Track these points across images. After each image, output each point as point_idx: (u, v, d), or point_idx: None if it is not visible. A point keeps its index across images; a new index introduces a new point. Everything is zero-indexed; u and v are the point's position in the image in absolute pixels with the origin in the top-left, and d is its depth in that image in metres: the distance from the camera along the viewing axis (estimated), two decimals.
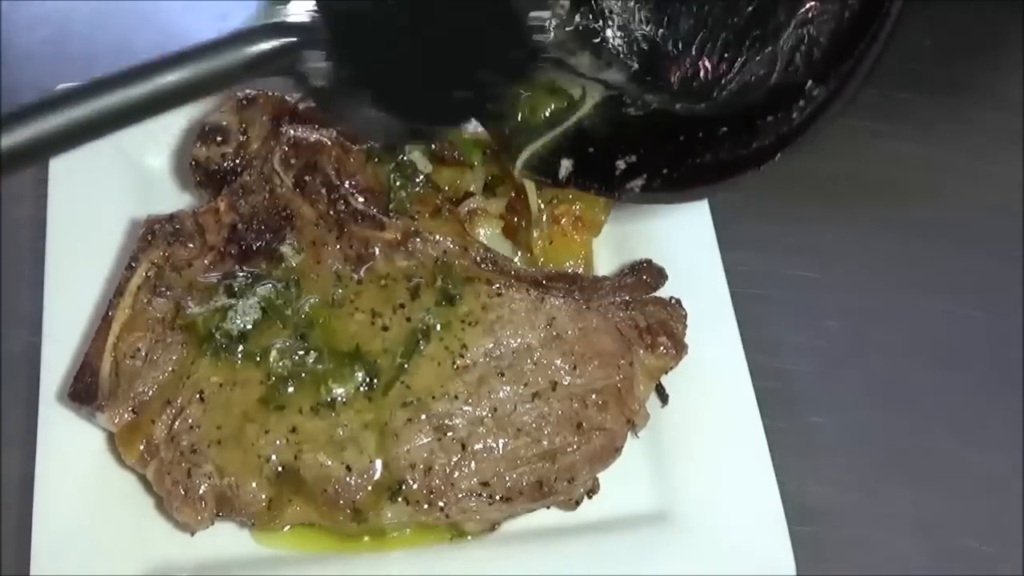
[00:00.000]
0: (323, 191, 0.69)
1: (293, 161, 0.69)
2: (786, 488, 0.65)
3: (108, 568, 0.62)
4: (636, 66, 0.64)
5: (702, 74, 0.61)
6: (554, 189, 0.69)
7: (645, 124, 0.64)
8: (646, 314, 0.68)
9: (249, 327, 0.64)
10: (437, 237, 0.68)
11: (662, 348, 0.67)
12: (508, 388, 0.64)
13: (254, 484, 0.62)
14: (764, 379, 0.69)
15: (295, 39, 0.51)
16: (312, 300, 0.66)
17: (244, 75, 0.50)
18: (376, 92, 0.56)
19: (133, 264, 0.68)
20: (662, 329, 0.67)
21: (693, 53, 0.62)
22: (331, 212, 0.68)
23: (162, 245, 0.68)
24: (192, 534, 0.63)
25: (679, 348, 0.67)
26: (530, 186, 0.70)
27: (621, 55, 0.65)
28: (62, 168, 0.74)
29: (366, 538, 0.64)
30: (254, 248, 0.68)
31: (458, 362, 0.64)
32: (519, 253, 0.72)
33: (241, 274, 0.66)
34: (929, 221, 0.84)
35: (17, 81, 0.87)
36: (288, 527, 0.64)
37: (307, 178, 0.69)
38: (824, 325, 0.78)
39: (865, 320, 0.79)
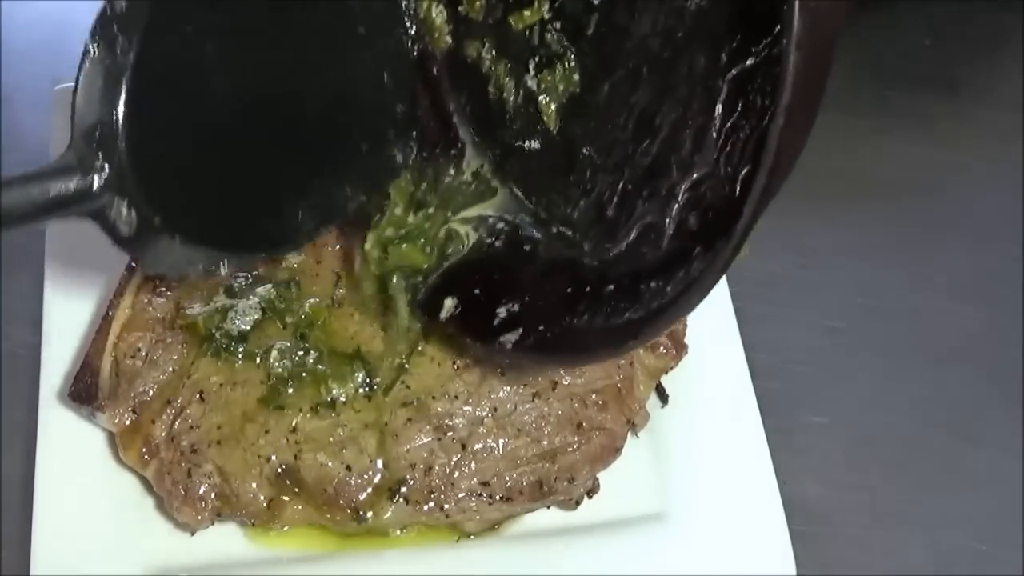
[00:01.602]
0: None
1: None
2: (786, 488, 0.65)
3: (108, 568, 0.62)
4: (533, 206, 0.62)
5: (601, 217, 0.58)
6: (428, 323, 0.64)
7: (537, 271, 0.61)
8: None
9: (249, 327, 0.65)
10: None
11: (662, 348, 0.67)
12: (508, 388, 0.64)
13: (254, 484, 0.62)
14: (764, 379, 0.69)
15: (96, 184, 0.47)
16: (312, 300, 0.66)
17: (37, 218, 0.47)
18: (189, 234, 0.52)
19: (133, 264, 0.67)
20: None
21: (591, 196, 0.58)
22: None
23: None
24: (192, 534, 0.63)
25: (679, 348, 0.67)
26: (401, 302, 0.65)
27: (519, 193, 0.63)
28: None
29: (366, 538, 0.64)
30: None
31: (458, 362, 0.64)
32: None
33: (241, 274, 0.66)
34: (929, 220, 0.84)
35: (17, 81, 0.87)
36: (288, 527, 0.64)
37: None
38: (824, 325, 0.78)
39: (865, 320, 0.79)
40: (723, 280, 0.72)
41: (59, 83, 0.78)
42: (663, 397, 0.69)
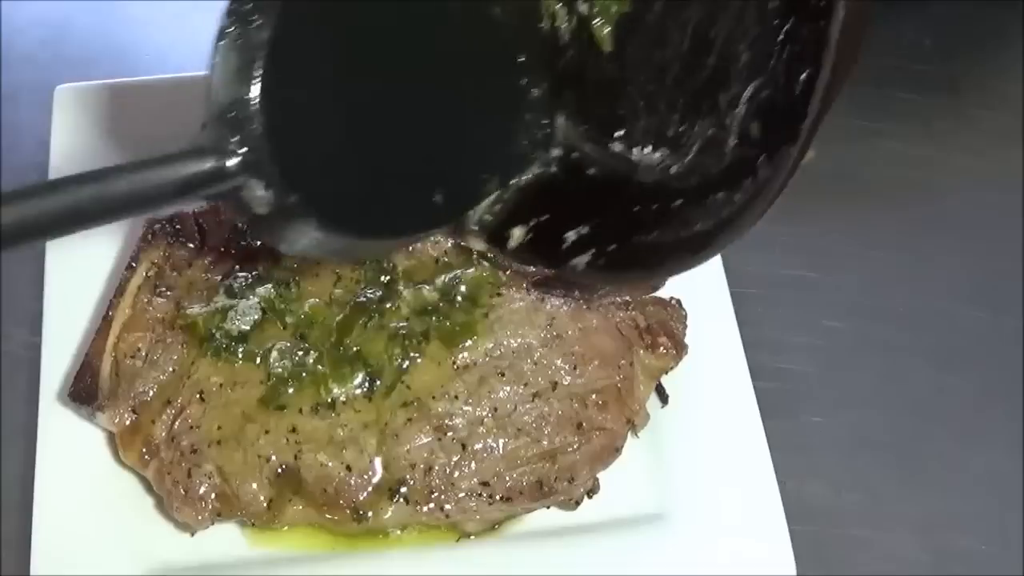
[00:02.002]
0: None
1: None
2: (786, 488, 0.65)
3: (108, 568, 0.62)
4: (592, 132, 0.62)
5: (662, 135, 0.58)
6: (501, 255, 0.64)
7: (601, 194, 0.61)
8: (646, 314, 0.68)
9: (249, 327, 0.65)
10: (437, 237, 0.68)
11: (662, 348, 0.67)
12: (508, 388, 0.64)
13: (254, 484, 0.62)
14: (764, 379, 0.69)
15: (231, 164, 0.46)
16: (312, 300, 0.66)
17: (172, 199, 0.46)
18: (326, 216, 0.51)
19: (133, 264, 0.68)
20: (662, 329, 0.67)
21: (651, 115, 0.59)
22: None
23: (162, 245, 0.68)
24: (192, 534, 0.63)
25: (679, 348, 0.67)
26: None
27: (577, 119, 0.62)
28: (62, 168, 0.74)
29: (366, 538, 0.64)
30: (254, 248, 0.68)
31: (458, 362, 0.64)
32: None
33: (241, 274, 0.66)
34: (929, 221, 0.84)
35: (17, 81, 0.87)
36: (288, 527, 0.64)
37: None
38: (824, 325, 0.78)
39: (865, 320, 0.79)
40: (723, 280, 0.72)
41: (59, 83, 0.78)
42: (663, 397, 0.69)
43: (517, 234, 0.61)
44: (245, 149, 0.47)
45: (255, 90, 0.47)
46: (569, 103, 0.63)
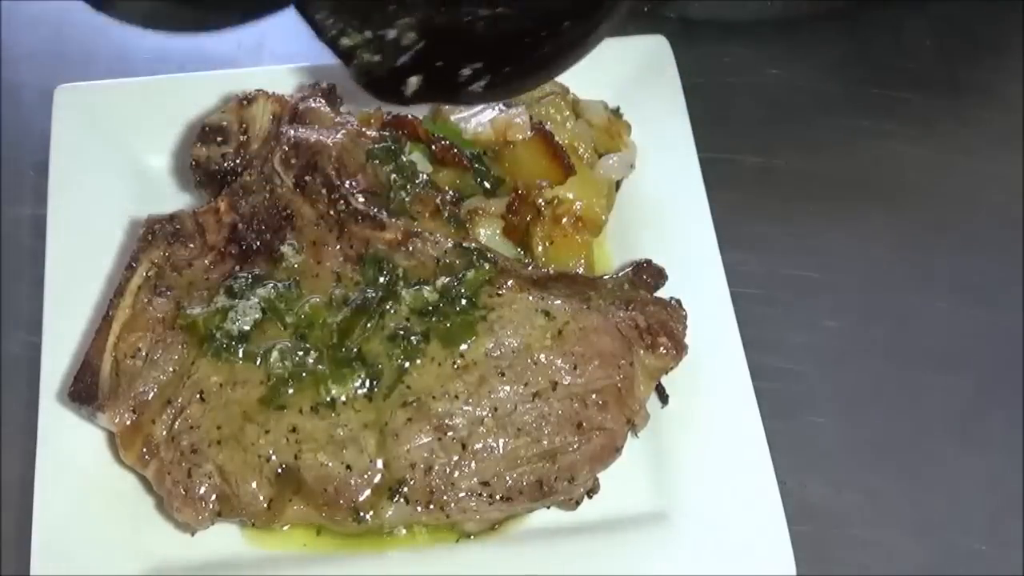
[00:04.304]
0: (323, 191, 0.69)
1: (293, 161, 0.69)
2: (786, 488, 0.65)
3: (108, 568, 0.62)
4: None
5: None
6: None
7: (491, 31, 0.62)
8: (646, 314, 0.68)
9: (249, 327, 0.64)
10: (437, 237, 0.68)
11: (662, 348, 0.67)
12: (508, 388, 0.64)
13: (254, 484, 0.62)
14: (764, 379, 0.69)
15: None
16: (312, 300, 0.66)
17: None
18: None
19: (133, 264, 0.68)
20: (662, 329, 0.67)
21: None
22: (331, 212, 0.68)
23: (162, 245, 0.68)
24: (192, 534, 0.63)
25: (679, 348, 0.67)
26: None
27: None
28: (62, 168, 0.74)
29: (366, 538, 0.64)
30: (254, 248, 0.68)
31: (458, 362, 0.64)
32: (519, 253, 0.72)
33: (242, 275, 0.66)
34: (929, 221, 0.84)
35: (18, 80, 0.88)
36: (288, 527, 0.64)
37: (307, 178, 0.69)
38: (824, 325, 0.78)
39: (865, 320, 0.79)
40: (723, 280, 0.72)
41: (59, 82, 0.78)
42: (663, 397, 0.69)
43: (413, 81, 0.63)
44: None
45: None
46: None
